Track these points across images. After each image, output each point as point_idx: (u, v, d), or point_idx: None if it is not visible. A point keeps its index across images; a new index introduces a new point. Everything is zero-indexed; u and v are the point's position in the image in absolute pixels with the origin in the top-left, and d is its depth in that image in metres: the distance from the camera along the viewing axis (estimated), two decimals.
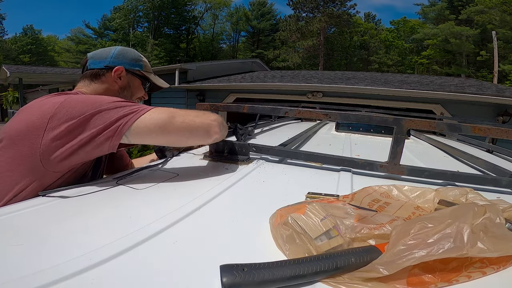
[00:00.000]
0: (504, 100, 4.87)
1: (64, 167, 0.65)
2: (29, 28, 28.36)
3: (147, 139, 0.68)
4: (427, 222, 0.35)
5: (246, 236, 0.45)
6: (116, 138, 0.63)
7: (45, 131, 0.61)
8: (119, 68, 0.86)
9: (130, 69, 0.89)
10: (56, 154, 0.62)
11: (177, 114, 0.69)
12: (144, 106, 0.69)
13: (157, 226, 0.45)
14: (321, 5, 21.03)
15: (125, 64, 0.87)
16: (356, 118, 0.84)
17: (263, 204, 0.58)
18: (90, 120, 0.63)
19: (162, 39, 25.93)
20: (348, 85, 6.04)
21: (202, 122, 0.71)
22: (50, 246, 0.39)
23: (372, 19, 27.79)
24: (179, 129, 0.68)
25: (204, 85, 7.45)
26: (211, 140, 0.75)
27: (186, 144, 0.81)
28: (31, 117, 0.64)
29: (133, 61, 0.90)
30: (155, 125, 0.66)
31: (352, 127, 1.77)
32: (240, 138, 1.21)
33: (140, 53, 0.96)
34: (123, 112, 0.65)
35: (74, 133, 0.62)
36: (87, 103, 0.65)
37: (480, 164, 1.01)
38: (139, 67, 0.92)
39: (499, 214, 0.38)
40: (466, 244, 0.33)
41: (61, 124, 0.62)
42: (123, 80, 0.88)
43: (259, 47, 28.11)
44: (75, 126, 0.62)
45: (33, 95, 12.22)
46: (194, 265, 0.37)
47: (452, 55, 20.60)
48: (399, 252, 0.32)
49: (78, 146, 0.62)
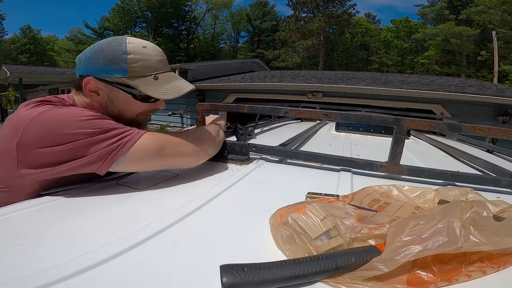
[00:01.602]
0: (504, 100, 4.87)
1: (50, 180, 0.59)
2: (27, 28, 28.33)
3: (133, 169, 0.64)
4: (419, 220, 0.36)
5: (246, 236, 0.45)
6: (102, 170, 0.58)
7: (18, 157, 0.55)
8: (87, 81, 0.64)
9: (104, 79, 0.64)
10: (37, 175, 0.56)
11: (167, 145, 0.63)
12: (131, 134, 0.60)
13: (157, 226, 0.45)
14: (320, 5, 21.03)
15: (98, 72, 0.64)
16: (356, 118, 0.84)
17: (263, 204, 0.58)
18: (69, 152, 0.55)
19: (161, 39, 25.92)
20: (348, 85, 6.04)
21: (191, 152, 0.68)
22: (50, 246, 0.39)
23: (372, 19, 27.79)
24: (167, 161, 0.65)
25: (204, 85, 7.45)
26: (199, 163, 0.72)
27: (173, 169, 0.74)
28: (3, 139, 0.58)
29: (109, 65, 0.63)
30: (144, 158, 0.61)
31: (352, 127, 1.77)
32: (240, 138, 1.21)
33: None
34: (106, 145, 0.56)
35: (52, 159, 0.55)
36: (62, 127, 0.55)
37: (480, 164, 1.01)
38: (119, 73, 0.64)
39: (485, 208, 0.40)
40: (459, 237, 0.33)
41: (32, 149, 0.55)
42: (102, 95, 0.66)
43: (259, 47, 28.11)
44: (50, 154, 0.55)
45: (33, 95, 12.23)
46: (194, 265, 0.37)
47: (452, 55, 20.60)
48: (396, 249, 0.33)
49: (58, 172, 0.56)
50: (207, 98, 7.55)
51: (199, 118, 0.94)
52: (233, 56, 28.42)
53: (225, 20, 29.37)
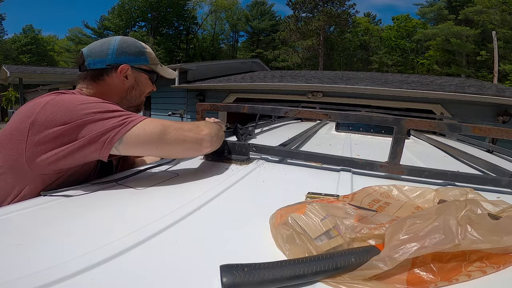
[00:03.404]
0: (504, 100, 4.86)
1: (53, 170, 0.62)
2: (28, 28, 28.34)
3: (137, 152, 0.67)
4: (415, 219, 0.37)
5: (246, 236, 0.45)
6: (105, 150, 0.61)
7: (28, 136, 0.59)
8: (124, 68, 0.78)
9: (136, 66, 0.81)
10: (42, 158, 0.60)
11: (170, 129, 0.66)
12: (134, 116, 0.65)
13: (157, 226, 0.45)
14: (320, 5, 21.04)
15: (129, 61, 0.79)
16: (356, 118, 0.84)
17: (263, 204, 0.58)
18: (75, 131, 0.60)
19: (161, 38, 25.91)
20: (348, 85, 6.03)
21: (194, 137, 0.69)
22: (50, 246, 0.39)
23: (372, 19, 27.78)
24: (171, 144, 0.66)
25: (204, 85, 7.45)
26: (203, 153, 0.76)
27: (176, 157, 0.81)
28: (16, 120, 0.62)
29: (137, 55, 0.81)
30: (147, 139, 0.63)
31: (352, 127, 1.77)
32: (240, 138, 1.21)
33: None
34: (111, 124, 0.61)
35: (59, 140, 0.60)
36: (71, 109, 0.61)
37: (480, 164, 1.01)
38: (145, 61, 0.83)
39: (479, 205, 0.41)
40: (456, 235, 0.34)
41: (43, 129, 0.59)
42: (130, 79, 0.81)
43: (259, 47, 28.11)
44: (59, 134, 0.59)
45: (33, 95, 12.21)
46: (194, 265, 0.37)
47: (452, 55, 20.60)
48: (395, 247, 0.33)
49: (64, 154, 0.60)
50: (207, 98, 7.55)
51: (199, 118, 0.94)
52: (233, 56, 28.41)
53: (224, 21, 29.37)
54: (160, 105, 8.22)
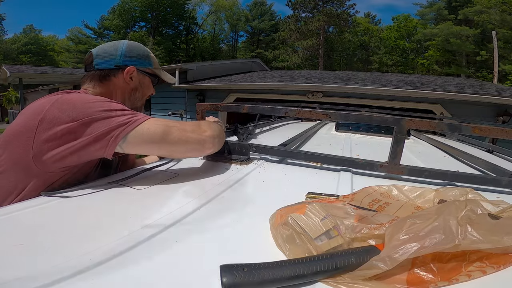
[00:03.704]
0: (504, 100, 4.86)
1: (58, 168, 0.63)
2: (30, 28, 28.33)
3: (140, 151, 0.67)
4: (416, 219, 0.37)
5: (246, 236, 0.45)
6: (110, 148, 0.62)
7: (36, 133, 0.60)
8: (131, 69, 0.82)
9: (141, 68, 0.85)
10: (48, 156, 0.61)
11: (173, 130, 0.67)
12: (139, 116, 0.67)
13: (157, 226, 0.45)
14: (320, 5, 21.04)
15: (136, 63, 0.83)
16: (356, 118, 0.84)
17: (263, 204, 0.58)
18: (81, 128, 0.61)
19: (161, 38, 25.90)
20: (348, 85, 6.03)
21: (197, 138, 0.70)
22: (50, 246, 0.39)
23: (372, 19, 27.78)
24: (173, 144, 0.67)
25: (204, 85, 7.45)
26: (205, 154, 0.77)
27: (179, 157, 0.83)
28: (25, 118, 0.63)
29: (143, 59, 0.86)
30: (150, 139, 0.64)
31: (352, 127, 1.77)
32: (241, 138, 1.21)
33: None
34: (116, 122, 0.62)
35: (66, 138, 0.61)
36: (78, 107, 0.62)
37: (480, 164, 1.01)
38: (149, 65, 0.88)
39: (479, 206, 0.41)
40: (456, 235, 0.34)
41: (51, 127, 0.60)
42: (135, 81, 0.85)
43: (259, 47, 28.11)
44: (66, 131, 0.61)
45: (33, 95, 12.23)
46: (194, 265, 0.37)
47: (452, 55, 20.60)
48: (395, 247, 0.33)
49: (70, 151, 0.61)
50: (207, 98, 7.55)
51: (199, 118, 0.94)
52: (232, 56, 28.40)
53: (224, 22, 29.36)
54: (160, 105, 8.22)
